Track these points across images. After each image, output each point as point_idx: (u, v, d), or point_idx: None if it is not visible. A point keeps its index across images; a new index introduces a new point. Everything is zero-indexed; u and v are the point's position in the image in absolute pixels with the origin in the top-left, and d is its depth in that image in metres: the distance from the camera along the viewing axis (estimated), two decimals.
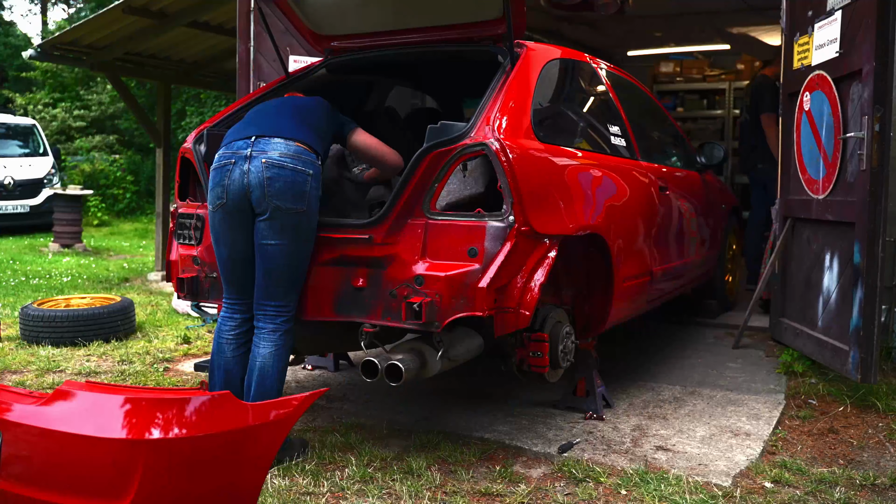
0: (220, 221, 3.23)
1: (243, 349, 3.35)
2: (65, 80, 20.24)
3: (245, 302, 3.34)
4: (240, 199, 3.14)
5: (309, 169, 3.14)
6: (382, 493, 2.98)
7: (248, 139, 3.17)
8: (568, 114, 3.92)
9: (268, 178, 3.07)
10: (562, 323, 3.45)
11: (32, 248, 11.30)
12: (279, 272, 3.17)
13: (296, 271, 3.19)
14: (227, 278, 3.34)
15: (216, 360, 3.37)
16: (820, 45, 4.43)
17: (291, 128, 3.22)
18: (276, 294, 3.20)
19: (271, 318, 3.22)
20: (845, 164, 4.13)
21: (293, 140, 3.15)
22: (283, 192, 3.08)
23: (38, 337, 5.25)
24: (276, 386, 3.19)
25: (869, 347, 3.85)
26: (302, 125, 3.26)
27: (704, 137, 10.15)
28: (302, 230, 3.15)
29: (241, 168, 3.13)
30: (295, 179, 3.09)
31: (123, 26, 7.63)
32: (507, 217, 3.00)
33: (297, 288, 3.24)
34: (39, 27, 30.26)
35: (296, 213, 3.11)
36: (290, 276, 3.19)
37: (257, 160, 3.10)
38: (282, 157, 3.10)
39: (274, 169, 3.08)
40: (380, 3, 3.68)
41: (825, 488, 3.06)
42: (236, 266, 3.29)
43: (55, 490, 2.23)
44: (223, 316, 3.39)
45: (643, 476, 3.11)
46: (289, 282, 3.19)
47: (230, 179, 3.15)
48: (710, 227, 5.46)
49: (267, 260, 3.17)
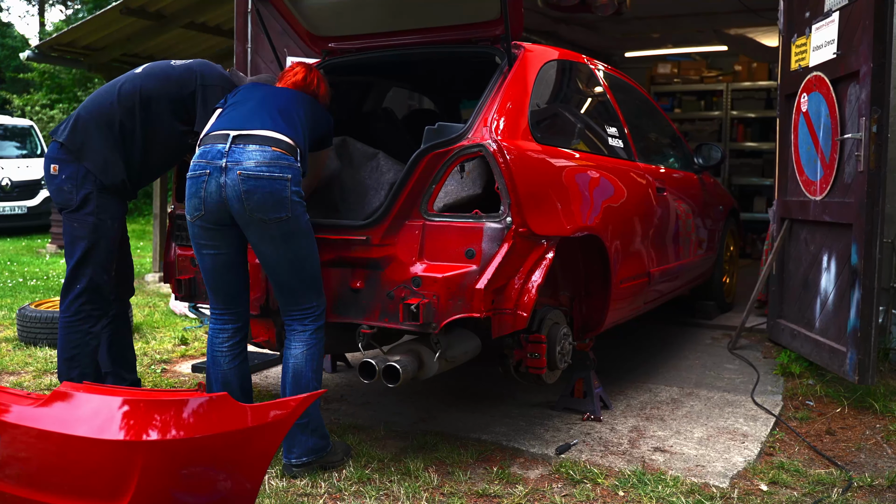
0: (200, 231, 3.12)
1: (239, 359, 3.27)
2: (62, 82, 20.19)
3: (234, 311, 3.25)
4: (219, 212, 3.03)
5: (286, 173, 2.98)
6: (380, 494, 2.97)
7: (224, 144, 3.01)
8: (565, 115, 3.92)
9: (245, 191, 2.94)
10: (559, 324, 3.46)
11: (30, 250, 11.29)
12: (286, 280, 3.08)
13: (304, 273, 3.09)
14: (213, 287, 3.23)
15: (213, 373, 3.28)
16: (817, 47, 4.44)
17: (270, 126, 3.05)
18: (295, 300, 3.12)
19: (299, 321, 3.14)
20: (843, 165, 4.14)
21: (269, 144, 2.99)
22: (263, 204, 2.95)
23: (35, 338, 5.24)
24: (311, 385, 3.10)
25: (866, 349, 3.85)
26: (282, 121, 3.10)
27: (702, 139, 10.17)
28: (292, 235, 3.03)
29: (216, 181, 2.99)
30: (273, 188, 2.95)
31: (121, 27, 7.62)
32: (504, 218, 3.00)
33: (315, 286, 3.13)
34: (37, 28, 30.24)
35: (280, 222, 2.99)
36: (301, 279, 3.09)
37: (233, 172, 2.96)
38: (258, 166, 2.95)
39: (251, 181, 2.94)
40: (377, 4, 3.68)
41: (822, 490, 3.06)
42: (220, 275, 3.17)
43: (53, 491, 2.23)
44: (214, 328, 3.27)
45: (641, 477, 3.11)
46: (301, 285, 3.10)
47: (207, 192, 3.02)
48: (708, 228, 5.47)
49: (270, 271, 3.10)
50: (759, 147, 10.22)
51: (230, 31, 6.84)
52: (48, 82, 20.34)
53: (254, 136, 3.01)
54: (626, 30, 9.80)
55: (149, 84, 3.63)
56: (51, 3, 32.46)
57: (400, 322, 3.01)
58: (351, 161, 3.74)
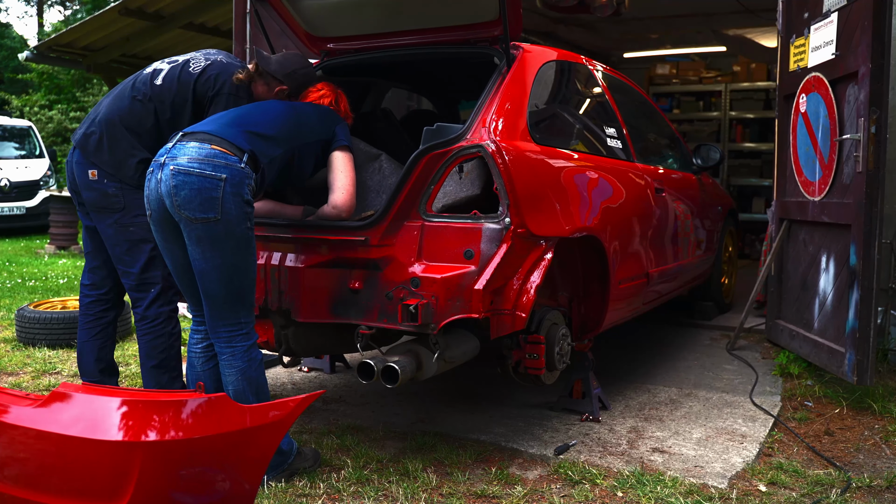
0: (155, 233, 3.04)
1: (213, 362, 3.18)
2: (61, 82, 20.21)
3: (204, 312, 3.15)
4: (162, 209, 2.92)
5: (221, 173, 2.83)
6: (379, 494, 2.97)
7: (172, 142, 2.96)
8: (564, 116, 3.92)
9: (173, 186, 2.82)
10: (558, 325, 3.46)
11: (28, 250, 11.28)
12: (210, 288, 2.91)
13: (231, 285, 2.91)
14: (182, 288, 3.15)
15: (189, 375, 3.22)
16: (816, 47, 4.44)
17: (219, 128, 2.97)
18: (220, 313, 2.95)
19: (226, 341, 2.97)
20: (841, 166, 4.14)
21: (209, 142, 2.88)
22: (190, 201, 2.81)
23: (34, 339, 5.24)
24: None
25: (865, 349, 3.85)
26: (236, 125, 2.99)
27: (700, 139, 10.17)
28: (221, 240, 2.85)
29: (156, 177, 2.91)
30: (202, 186, 2.80)
31: (120, 28, 7.64)
32: (503, 219, 3.01)
33: (243, 301, 2.96)
34: (35, 29, 30.26)
35: (208, 223, 2.83)
36: (228, 290, 2.91)
37: (167, 167, 2.86)
38: (190, 161, 2.83)
39: (180, 176, 2.82)
40: (375, 5, 3.68)
41: (821, 490, 3.07)
42: (181, 275, 3.09)
43: (52, 492, 2.23)
44: (191, 329, 3.23)
45: (639, 478, 3.11)
46: (228, 297, 2.92)
47: (150, 189, 2.95)
48: (707, 228, 5.47)
49: (198, 277, 2.93)
50: (758, 148, 10.22)
51: (229, 32, 6.85)
52: (47, 83, 20.36)
53: (197, 134, 2.94)
54: (625, 30, 9.82)
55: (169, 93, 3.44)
56: (49, 4, 32.48)
57: (399, 323, 3.01)
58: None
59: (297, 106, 3.31)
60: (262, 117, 3.11)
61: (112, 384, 3.78)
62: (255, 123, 3.05)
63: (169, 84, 3.43)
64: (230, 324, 2.96)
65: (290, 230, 3.32)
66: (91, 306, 3.69)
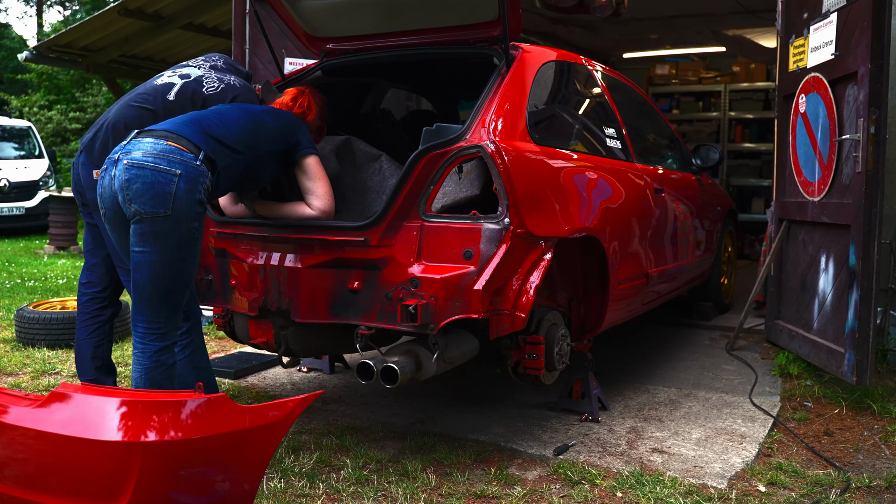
0: (111, 232, 3.01)
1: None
2: (60, 83, 20.20)
3: None
4: (116, 207, 2.89)
5: (176, 169, 2.80)
6: (378, 495, 2.97)
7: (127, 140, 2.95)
8: (563, 116, 3.92)
9: (126, 179, 2.79)
10: (557, 325, 3.46)
11: (28, 251, 11.27)
12: (144, 283, 2.85)
13: (162, 282, 2.86)
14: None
15: None
16: (815, 48, 4.44)
17: (177, 126, 2.95)
18: (144, 309, 2.89)
19: (140, 336, 2.91)
20: (841, 166, 4.14)
21: (165, 139, 2.85)
22: (142, 194, 2.77)
23: (33, 339, 5.24)
24: None
25: (864, 349, 3.86)
26: (195, 126, 2.97)
27: (700, 139, 10.19)
28: (165, 237, 2.81)
29: (109, 174, 2.88)
30: (156, 180, 2.77)
31: (119, 28, 7.64)
32: (502, 219, 3.01)
33: (170, 305, 2.90)
34: (35, 29, 30.25)
35: (157, 218, 2.79)
36: (157, 290, 2.86)
37: (121, 162, 2.83)
38: (144, 156, 2.80)
39: (133, 170, 2.79)
40: (375, 5, 3.68)
41: (820, 491, 3.07)
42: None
43: (51, 493, 2.23)
44: None
45: (639, 478, 3.11)
46: (156, 297, 2.87)
47: (103, 187, 2.92)
48: (706, 229, 5.47)
49: (133, 269, 2.87)
50: (757, 148, 10.23)
51: (228, 32, 6.85)
52: (46, 83, 20.35)
53: (154, 132, 2.92)
54: (625, 31, 9.82)
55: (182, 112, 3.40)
56: (49, 4, 32.47)
57: (398, 323, 3.01)
58: (353, 161, 3.73)
59: (255, 114, 3.24)
60: (220, 123, 3.07)
61: (110, 383, 3.78)
62: (214, 127, 3.03)
63: (182, 102, 3.44)
64: (148, 321, 2.91)
65: (290, 230, 3.32)
66: (88, 304, 3.71)
